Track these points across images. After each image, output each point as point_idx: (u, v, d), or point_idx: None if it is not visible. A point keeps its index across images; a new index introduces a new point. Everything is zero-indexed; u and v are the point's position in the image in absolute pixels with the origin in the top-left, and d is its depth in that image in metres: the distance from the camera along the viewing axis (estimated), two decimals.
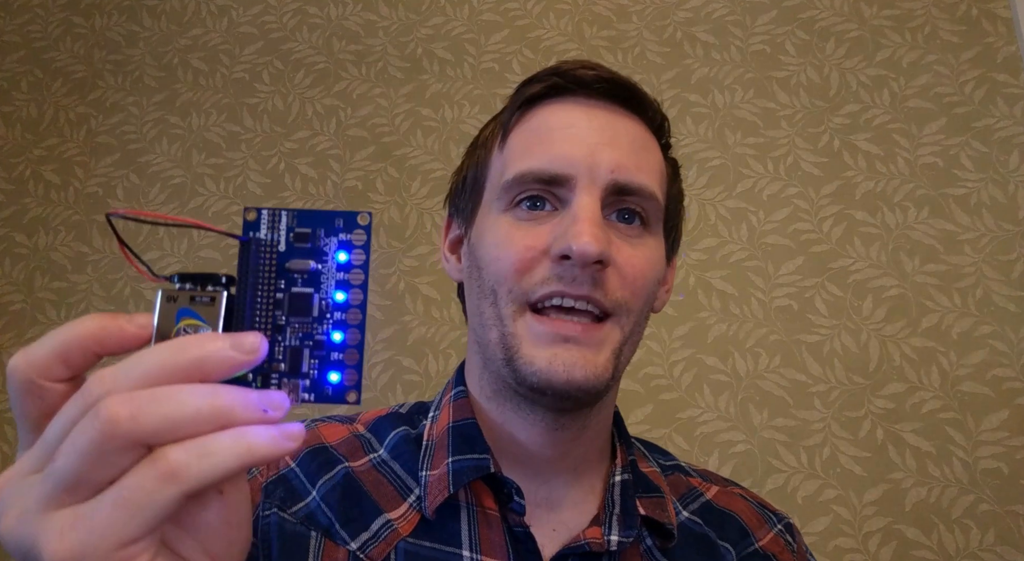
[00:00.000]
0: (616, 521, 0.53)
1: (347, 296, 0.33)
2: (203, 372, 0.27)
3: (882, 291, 1.28)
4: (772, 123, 1.41)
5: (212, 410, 0.27)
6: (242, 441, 0.27)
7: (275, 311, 0.32)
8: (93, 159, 1.68)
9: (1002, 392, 1.20)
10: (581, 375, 0.49)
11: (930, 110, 1.35)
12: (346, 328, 0.32)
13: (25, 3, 1.83)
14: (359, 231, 0.33)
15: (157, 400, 0.26)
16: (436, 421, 0.57)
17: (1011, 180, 1.29)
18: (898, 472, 1.19)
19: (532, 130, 0.55)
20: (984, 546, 1.13)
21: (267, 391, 0.29)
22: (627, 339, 0.52)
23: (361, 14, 1.67)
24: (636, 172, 0.53)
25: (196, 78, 1.70)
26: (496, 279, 0.52)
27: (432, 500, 0.51)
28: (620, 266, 0.51)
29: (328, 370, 0.32)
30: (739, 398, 1.28)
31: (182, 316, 0.30)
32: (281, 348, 0.32)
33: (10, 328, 1.59)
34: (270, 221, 0.33)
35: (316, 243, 0.33)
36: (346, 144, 1.58)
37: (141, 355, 0.27)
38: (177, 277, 0.31)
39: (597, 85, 0.55)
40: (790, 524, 0.63)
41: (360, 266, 0.33)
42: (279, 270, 0.32)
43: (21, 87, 1.77)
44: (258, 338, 0.28)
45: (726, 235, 1.37)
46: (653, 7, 1.53)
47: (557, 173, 0.52)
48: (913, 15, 1.41)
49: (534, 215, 0.53)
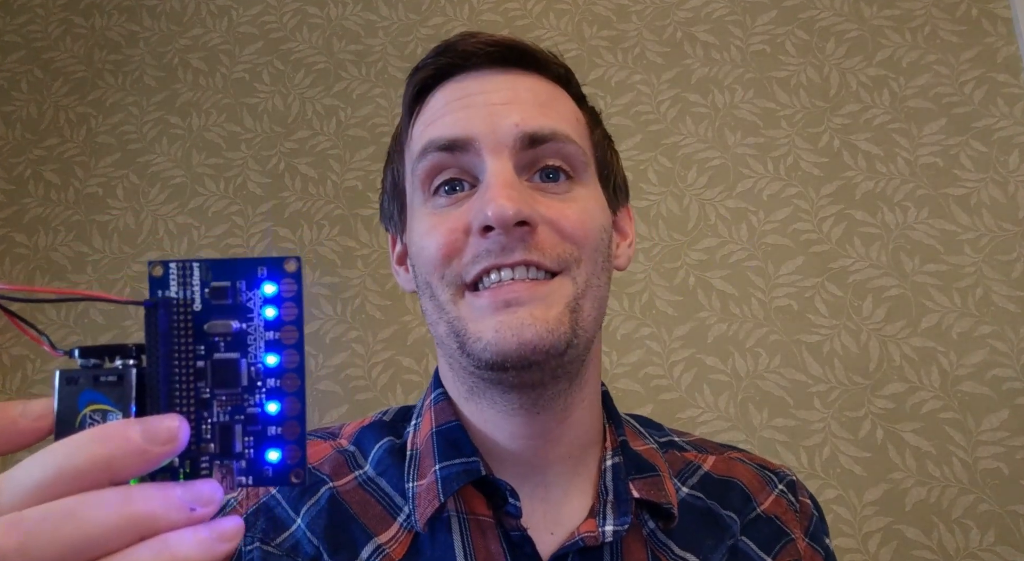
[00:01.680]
0: (610, 509, 0.50)
1: (280, 359, 0.28)
2: (112, 472, 0.23)
3: (882, 291, 1.28)
4: (772, 123, 1.41)
5: (125, 521, 0.22)
6: (163, 554, 0.23)
7: (197, 383, 0.27)
8: (93, 159, 1.68)
9: (1002, 392, 1.20)
10: (532, 333, 0.45)
11: (930, 110, 1.35)
12: (283, 397, 0.28)
13: (25, 3, 1.83)
14: (288, 280, 0.28)
15: (54, 521, 0.21)
16: (419, 428, 0.55)
17: (1011, 180, 1.29)
18: (898, 472, 1.19)
19: (429, 113, 0.53)
20: (984, 546, 1.13)
21: (192, 483, 0.25)
22: (583, 292, 0.48)
23: (361, 14, 1.67)
24: (544, 120, 0.50)
25: (196, 78, 1.70)
26: (427, 270, 0.49)
27: (422, 512, 0.48)
28: (553, 221, 0.48)
29: (266, 448, 0.27)
30: (739, 398, 1.28)
31: (86, 401, 0.25)
32: (209, 426, 0.27)
33: (10, 328, 1.59)
34: (180, 276, 0.28)
35: (237, 298, 0.28)
36: (346, 144, 1.58)
37: (32, 461, 0.23)
38: (78, 351, 0.26)
39: (484, 52, 0.52)
40: (792, 482, 0.60)
41: (293, 322, 0.28)
42: (197, 334, 0.28)
43: (21, 87, 1.77)
44: (175, 422, 0.24)
45: (726, 235, 1.37)
46: (653, 7, 1.53)
47: (457, 136, 0.49)
48: (913, 15, 1.41)
49: (453, 199, 0.50)
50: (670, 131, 1.43)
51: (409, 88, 0.55)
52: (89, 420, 0.25)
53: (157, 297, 0.28)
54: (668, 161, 1.42)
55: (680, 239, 1.38)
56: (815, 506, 0.61)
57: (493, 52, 0.52)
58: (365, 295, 1.48)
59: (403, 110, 0.56)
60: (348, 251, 1.51)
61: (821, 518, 0.61)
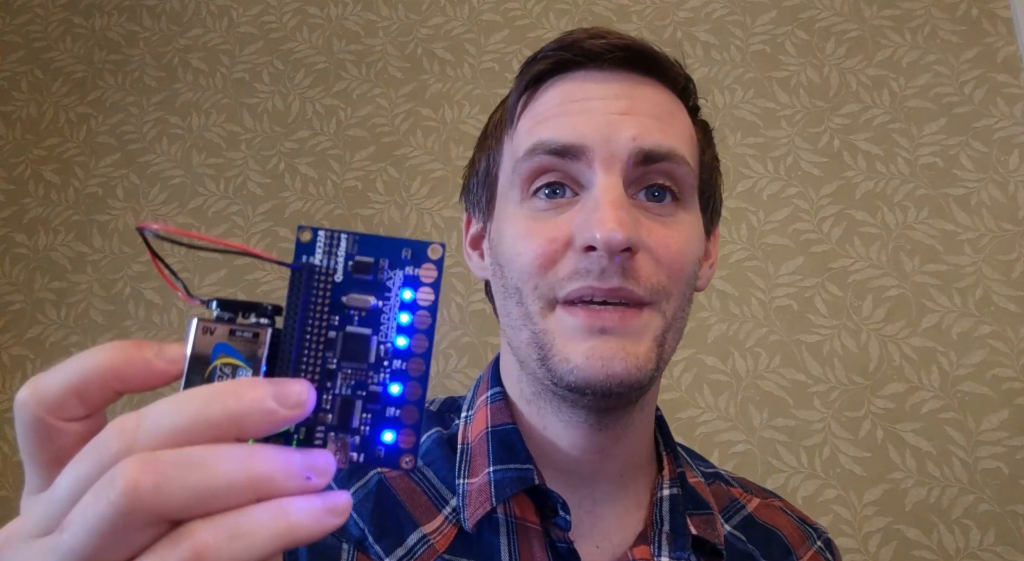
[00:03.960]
0: (666, 540, 0.50)
1: (410, 342, 0.28)
2: (240, 428, 0.24)
3: (882, 291, 1.28)
4: (772, 123, 1.41)
5: (248, 480, 0.23)
6: (282, 520, 0.23)
7: (326, 353, 0.27)
8: (93, 159, 1.68)
9: (1002, 392, 1.20)
10: (621, 368, 0.44)
11: (930, 110, 1.35)
12: (406, 380, 0.28)
13: (25, 3, 1.83)
14: (429, 265, 0.28)
15: (186, 466, 0.22)
16: (471, 423, 0.54)
17: (1011, 180, 1.29)
18: (898, 472, 1.19)
19: (542, 109, 0.51)
20: (984, 546, 1.13)
21: (311, 452, 0.25)
22: (670, 325, 0.48)
23: (361, 14, 1.67)
24: (661, 136, 0.48)
25: (196, 78, 1.70)
26: (519, 277, 0.48)
27: (472, 513, 0.48)
28: (653, 249, 0.47)
29: (382, 428, 0.27)
30: (739, 398, 1.28)
31: (219, 353, 0.26)
32: (330, 397, 0.27)
33: (10, 328, 1.59)
34: (327, 245, 0.28)
35: (379, 276, 0.28)
36: (346, 144, 1.58)
37: (171, 404, 0.24)
38: (216, 303, 0.26)
39: (609, 55, 0.50)
40: (829, 540, 0.61)
41: (427, 308, 0.28)
42: (334, 304, 0.27)
43: (21, 87, 1.77)
44: (305, 388, 0.25)
45: (726, 235, 1.37)
46: (653, 7, 1.53)
47: (570, 143, 0.47)
48: (913, 15, 1.41)
49: (554, 203, 0.48)
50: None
51: (523, 75, 0.52)
52: (219, 372, 0.25)
53: (304, 262, 0.27)
54: None
55: None
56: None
57: (620, 56, 0.50)
58: None
59: (512, 96, 0.53)
60: None
61: None
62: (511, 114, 0.53)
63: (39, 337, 1.58)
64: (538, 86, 0.52)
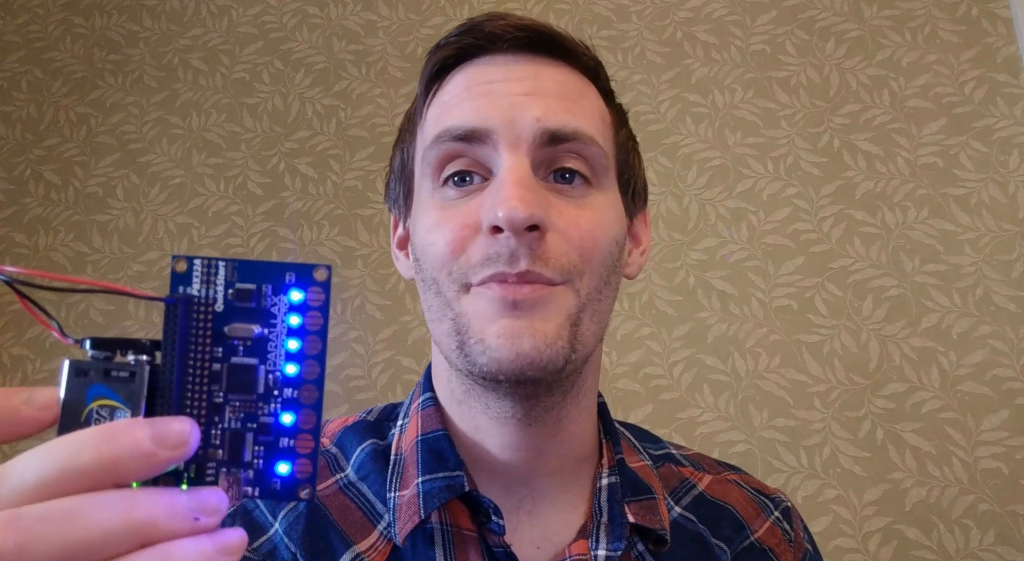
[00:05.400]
0: (604, 532, 0.49)
1: (300, 369, 0.27)
2: (117, 474, 0.22)
3: (882, 291, 1.28)
4: (772, 123, 1.41)
5: (127, 527, 0.21)
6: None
7: (211, 386, 0.26)
8: (93, 159, 1.68)
9: (1002, 392, 1.20)
10: (530, 346, 0.43)
11: (930, 110, 1.35)
12: (299, 409, 0.27)
13: (25, 3, 1.83)
14: (316, 289, 0.27)
15: (54, 521, 0.21)
16: (404, 432, 0.52)
17: (1011, 180, 1.29)
18: (898, 472, 1.19)
19: (447, 97, 0.49)
20: (984, 546, 1.13)
21: (199, 491, 0.24)
22: (584, 305, 0.46)
23: (361, 14, 1.67)
24: (567, 116, 0.47)
25: (196, 78, 1.70)
26: (433, 266, 0.47)
27: (402, 526, 0.47)
28: (563, 230, 0.46)
29: (276, 460, 0.27)
30: (739, 398, 1.28)
31: (94, 395, 0.24)
32: (219, 432, 0.26)
33: (10, 328, 1.59)
34: (204, 274, 0.27)
35: (262, 303, 0.27)
36: (346, 144, 1.58)
37: (37, 455, 0.22)
38: (89, 343, 0.25)
39: (510, 36, 0.49)
40: (788, 508, 0.59)
41: (317, 332, 0.27)
42: (216, 335, 0.27)
43: (21, 87, 1.77)
44: (186, 426, 0.23)
45: (726, 235, 1.37)
46: (653, 7, 1.53)
47: (474, 127, 0.46)
48: (913, 15, 1.41)
49: (464, 191, 0.47)
50: (670, 131, 1.43)
51: (428, 66, 0.51)
52: (96, 415, 0.24)
53: (179, 294, 0.26)
54: (668, 161, 1.42)
55: (680, 239, 1.38)
56: (809, 539, 0.59)
57: (521, 37, 0.49)
58: (365, 295, 1.48)
59: (420, 88, 0.52)
60: (348, 251, 1.51)
61: (816, 553, 0.59)
62: (419, 106, 0.52)
63: (39, 337, 1.58)
64: (444, 74, 0.51)
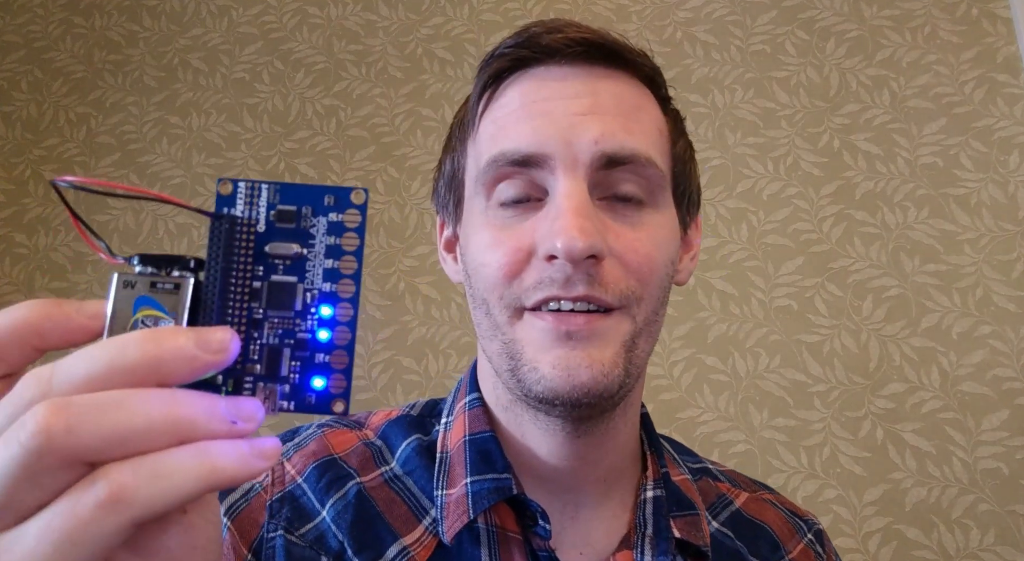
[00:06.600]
0: (648, 544, 0.49)
1: (336, 288, 0.28)
2: (160, 374, 0.23)
3: (882, 291, 1.28)
4: (772, 123, 1.41)
5: (168, 422, 0.22)
6: (204, 460, 0.23)
7: (251, 303, 0.27)
8: (93, 159, 1.68)
9: (1002, 392, 1.20)
10: (588, 376, 0.43)
11: (930, 110, 1.35)
12: (334, 325, 0.28)
13: (25, 3, 1.83)
14: (352, 211, 0.28)
15: (101, 409, 0.22)
16: (450, 430, 0.53)
17: (1011, 180, 1.29)
18: (898, 472, 1.19)
19: (502, 110, 0.49)
20: (984, 546, 1.13)
21: (237, 398, 0.25)
22: (640, 330, 0.46)
23: (361, 14, 1.67)
24: (626, 136, 0.46)
25: (196, 78, 1.70)
26: (485, 288, 0.47)
27: (450, 525, 0.47)
28: (620, 254, 0.45)
29: (311, 374, 0.27)
30: (739, 398, 1.28)
31: (140, 305, 0.25)
32: (257, 347, 0.27)
33: None
34: (248, 195, 0.28)
35: (302, 223, 0.28)
36: (346, 144, 1.58)
37: (87, 352, 0.23)
38: (137, 259, 0.26)
39: (568, 50, 0.48)
40: (820, 531, 0.60)
41: (353, 252, 0.28)
42: (257, 254, 0.28)
43: (21, 87, 1.77)
44: (227, 334, 0.24)
45: (726, 235, 1.37)
46: (653, 7, 1.53)
47: (531, 152, 0.46)
48: (913, 15, 1.41)
49: (518, 210, 0.47)
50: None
51: (482, 76, 0.50)
52: (141, 324, 0.25)
53: (223, 212, 0.28)
54: None
55: None
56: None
57: (577, 50, 0.48)
58: (365, 295, 1.48)
59: (473, 97, 0.51)
60: None
61: None
62: (472, 116, 0.51)
63: None
64: (498, 85, 0.50)
